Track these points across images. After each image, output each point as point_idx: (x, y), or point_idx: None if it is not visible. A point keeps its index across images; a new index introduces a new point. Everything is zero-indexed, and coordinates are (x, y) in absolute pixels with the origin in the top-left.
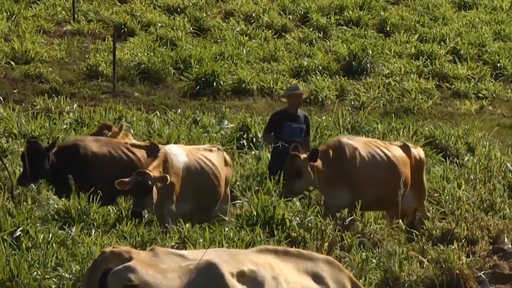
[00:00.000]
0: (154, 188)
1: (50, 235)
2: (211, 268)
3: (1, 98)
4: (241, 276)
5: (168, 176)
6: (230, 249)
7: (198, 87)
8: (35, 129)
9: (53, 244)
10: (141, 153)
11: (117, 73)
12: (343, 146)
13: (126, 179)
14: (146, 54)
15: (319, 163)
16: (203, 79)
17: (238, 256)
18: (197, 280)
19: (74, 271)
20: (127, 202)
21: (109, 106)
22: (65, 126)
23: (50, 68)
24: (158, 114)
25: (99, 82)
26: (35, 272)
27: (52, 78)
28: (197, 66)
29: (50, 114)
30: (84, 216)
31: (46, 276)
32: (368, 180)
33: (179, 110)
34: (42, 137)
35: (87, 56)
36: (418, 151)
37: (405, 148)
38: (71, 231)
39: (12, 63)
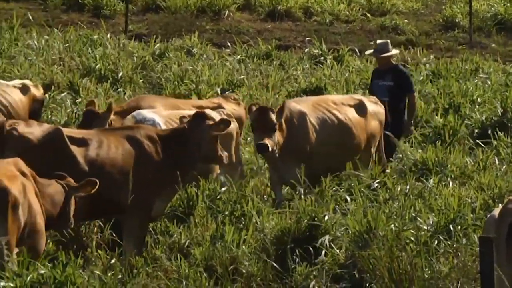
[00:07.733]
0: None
1: (408, 187)
2: None
3: (357, 50)
4: None
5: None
6: None
7: None
8: None
9: (411, 196)
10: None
11: (473, 24)
12: (291, 112)
13: None
14: (502, 5)
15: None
16: None
17: None
18: None
19: (431, 223)
20: None
21: (465, 58)
22: (421, 78)
23: (406, 20)
24: None
25: (455, 33)
26: (393, 224)
27: (408, 29)
28: None
29: (407, 66)
30: (442, 168)
31: (403, 228)
32: (321, 149)
33: None
34: None
35: (443, 7)
36: (377, 108)
37: (360, 106)
38: (429, 183)
39: (368, 15)
